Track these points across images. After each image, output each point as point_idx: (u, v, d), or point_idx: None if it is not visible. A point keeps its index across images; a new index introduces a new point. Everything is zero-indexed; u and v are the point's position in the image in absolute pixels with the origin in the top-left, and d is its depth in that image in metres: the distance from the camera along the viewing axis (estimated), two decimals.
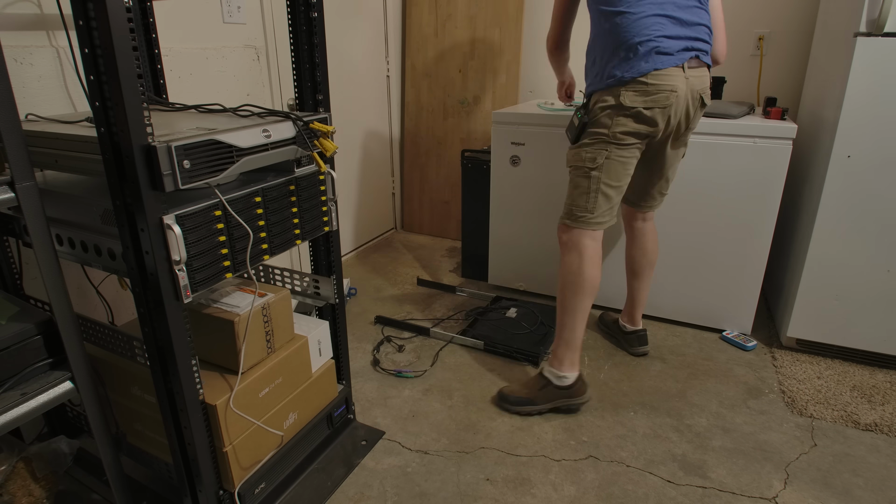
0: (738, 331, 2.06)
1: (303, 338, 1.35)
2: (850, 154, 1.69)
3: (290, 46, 1.26)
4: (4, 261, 1.26)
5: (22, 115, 1.29)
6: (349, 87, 2.69)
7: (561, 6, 1.68)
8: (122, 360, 1.20)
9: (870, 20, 1.57)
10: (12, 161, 0.82)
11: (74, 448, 1.21)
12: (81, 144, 1.00)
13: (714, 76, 2.25)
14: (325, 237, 1.40)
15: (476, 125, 2.90)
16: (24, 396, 0.89)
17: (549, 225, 2.27)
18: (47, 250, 0.89)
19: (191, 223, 0.96)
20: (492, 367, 1.89)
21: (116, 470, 1.07)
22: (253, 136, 1.04)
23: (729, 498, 1.35)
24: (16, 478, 1.11)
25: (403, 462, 1.47)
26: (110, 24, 0.80)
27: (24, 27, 1.34)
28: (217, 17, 1.84)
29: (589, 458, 1.48)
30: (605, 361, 1.92)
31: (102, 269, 1.07)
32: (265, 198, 1.12)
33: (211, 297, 1.24)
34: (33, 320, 0.94)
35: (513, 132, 2.20)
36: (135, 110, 0.85)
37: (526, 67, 2.85)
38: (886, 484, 1.39)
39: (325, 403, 1.48)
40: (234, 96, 1.94)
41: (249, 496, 1.25)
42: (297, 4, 1.21)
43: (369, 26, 2.76)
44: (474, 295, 2.43)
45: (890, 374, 1.83)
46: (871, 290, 1.79)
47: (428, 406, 1.70)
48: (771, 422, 1.61)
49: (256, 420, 1.23)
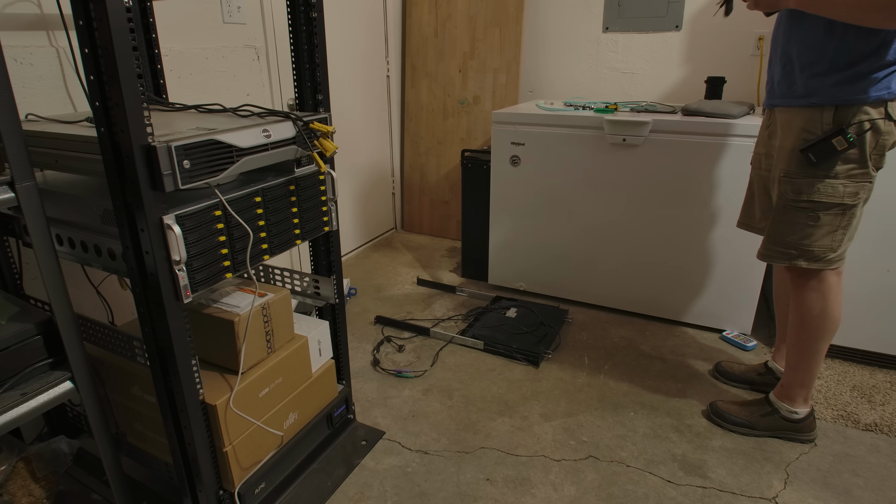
0: (738, 331, 2.06)
1: (303, 338, 1.35)
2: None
3: (290, 46, 1.26)
4: (4, 261, 1.26)
5: (22, 115, 1.29)
6: (349, 87, 2.69)
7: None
8: (122, 360, 1.20)
9: None
10: (12, 161, 0.82)
11: (74, 448, 1.21)
12: (81, 144, 1.00)
13: (714, 76, 2.25)
14: (325, 237, 1.40)
15: (476, 125, 2.90)
16: (24, 396, 0.89)
17: (550, 225, 2.27)
18: (47, 250, 0.89)
19: (191, 223, 0.96)
20: (492, 367, 1.89)
21: (116, 470, 1.07)
22: (253, 136, 1.04)
23: (729, 498, 1.35)
24: (16, 478, 1.11)
25: (403, 462, 1.47)
26: (110, 24, 0.80)
27: (24, 27, 1.34)
28: (217, 17, 1.84)
29: (589, 458, 1.48)
30: (605, 361, 1.92)
31: (102, 269, 1.07)
32: (265, 198, 1.12)
33: (211, 297, 1.24)
34: (33, 320, 0.94)
35: (513, 132, 2.20)
36: (135, 110, 0.85)
37: (526, 67, 2.85)
38: (886, 484, 1.39)
39: (325, 403, 1.48)
40: (234, 96, 1.94)
41: (249, 496, 1.25)
42: (297, 4, 1.21)
43: (369, 26, 2.76)
44: (474, 295, 2.43)
45: (890, 374, 1.83)
46: (871, 290, 1.79)
47: (428, 406, 1.70)
48: None
49: (256, 420, 1.23)
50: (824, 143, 1.26)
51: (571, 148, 2.12)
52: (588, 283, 2.28)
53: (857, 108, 1.23)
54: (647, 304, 2.19)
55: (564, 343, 2.04)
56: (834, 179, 1.28)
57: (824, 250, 1.33)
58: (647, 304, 2.19)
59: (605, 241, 2.19)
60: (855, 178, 1.27)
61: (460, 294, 2.45)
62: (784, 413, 1.52)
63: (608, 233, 2.16)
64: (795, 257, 1.37)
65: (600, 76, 2.71)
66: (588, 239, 2.21)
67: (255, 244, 1.11)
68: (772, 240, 1.40)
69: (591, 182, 2.12)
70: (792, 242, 1.36)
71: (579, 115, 2.08)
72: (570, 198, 2.19)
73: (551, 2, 2.70)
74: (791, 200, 1.34)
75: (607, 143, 2.04)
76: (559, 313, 2.21)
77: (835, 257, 1.34)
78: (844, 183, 1.28)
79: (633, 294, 2.21)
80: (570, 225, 2.23)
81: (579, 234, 2.22)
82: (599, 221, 2.17)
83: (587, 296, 2.31)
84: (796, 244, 1.36)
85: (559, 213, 2.23)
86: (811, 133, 1.28)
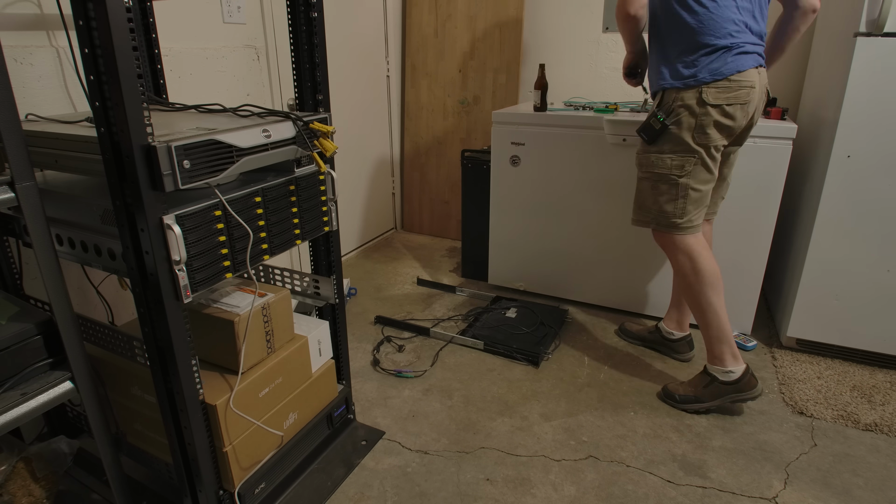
0: (738, 331, 2.06)
1: (303, 338, 1.35)
2: (850, 154, 1.69)
3: (290, 46, 1.26)
4: (4, 261, 1.26)
5: (22, 115, 1.29)
6: (349, 87, 2.69)
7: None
8: (122, 360, 1.20)
9: (870, 20, 1.57)
10: (12, 161, 0.82)
11: (74, 448, 1.21)
12: (81, 144, 1.00)
13: None
14: (325, 237, 1.40)
15: (476, 125, 2.90)
16: (24, 396, 0.89)
17: (550, 225, 2.27)
18: (47, 250, 0.89)
19: (191, 223, 0.96)
20: (492, 367, 1.89)
21: (116, 470, 1.07)
22: (253, 136, 1.04)
23: (729, 498, 1.35)
24: (16, 478, 1.11)
25: (403, 462, 1.47)
26: (110, 24, 0.80)
27: (24, 27, 1.34)
28: (217, 17, 1.84)
29: (589, 458, 1.48)
30: (605, 361, 1.92)
31: (102, 269, 1.07)
32: (265, 198, 1.12)
33: (211, 297, 1.24)
34: (33, 320, 0.94)
35: (513, 132, 2.20)
36: (135, 110, 0.85)
37: (526, 67, 2.85)
38: (886, 484, 1.39)
39: (325, 403, 1.48)
40: (234, 96, 1.94)
41: (249, 496, 1.25)
42: (297, 4, 1.21)
43: (369, 26, 2.76)
44: (474, 295, 2.43)
45: (890, 374, 1.83)
46: (871, 290, 1.79)
47: (428, 406, 1.70)
48: (771, 422, 1.61)
49: (256, 420, 1.23)
50: (647, 124, 1.52)
51: (571, 148, 2.12)
52: (588, 283, 2.28)
53: (675, 92, 1.47)
54: (648, 304, 2.19)
55: (564, 343, 2.04)
56: (661, 154, 1.52)
57: (668, 215, 1.55)
58: (648, 304, 2.19)
59: (605, 241, 2.18)
60: (679, 153, 1.50)
61: (460, 294, 2.45)
62: (721, 377, 1.61)
63: (608, 233, 2.16)
64: (649, 222, 1.61)
65: (600, 76, 2.71)
66: (588, 239, 2.21)
67: (255, 244, 1.11)
68: (634, 206, 1.66)
69: (591, 182, 2.12)
70: (646, 207, 1.60)
71: (579, 115, 2.08)
72: (570, 198, 2.19)
73: (551, 2, 2.70)
74: (640, 173, 1.61)
75: (607, 143, 2.04)
76: (559, 313, 2.21)
77: (682, 223, 1.55)
78: (671, 157, 1.51)
79: (633, 294, 2.21)
80: (570, 225, 2.23)
81: (579, 234, 2.22)
82: (599, 221, 2.16)
83: (587, 296, 2.31)
84: (649, 209, 1.59)
85: (559, 212, 2.23)
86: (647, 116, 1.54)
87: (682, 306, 1.89)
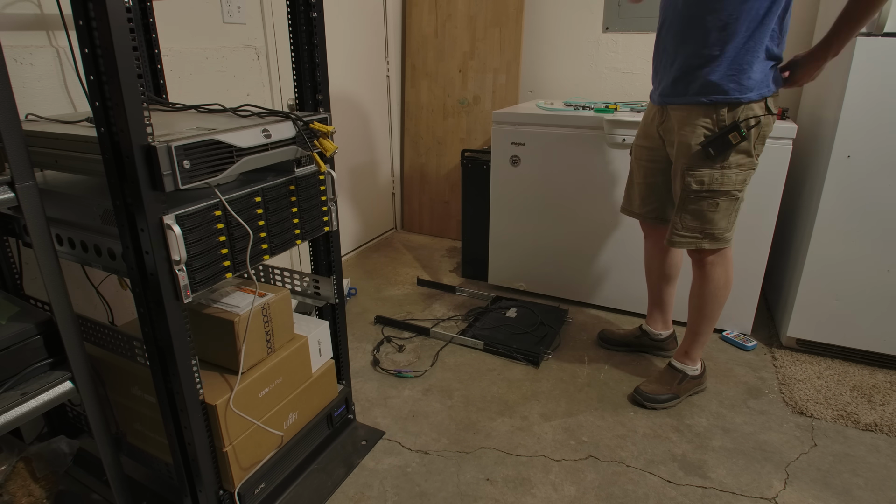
0: (738, 331, 2.06)
1: (303, 338, 1.35)
2: (850, 154, 1.69)
3: (290, 46, 1.26)
4: (4, 261, 1.26)
5: (22, 115, 1.29)
6: (349, 87, 2.69)
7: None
8: (122, 360, 1.20)
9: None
10: (12, 161, 0.82)
11: (74, 448, 1.21)
12: (81, 144, 1.00)
13: None
14: (325, 237, 1.40)
15: (476, 125, 2.90)
16: (24, 396, 0.89)
17: (550, 225, 2.27)
18: (47, 250, 0.89)
19: (191, 223, 0.96)
20: (492, 367, 1.89)
21: (116, 470, 1.07)
22: (253, 136, 1.04)
23: (729, 498, 1.35)
24: (16, 478, 1.11)
25: (403, 462, 1.47)
26: (110, 24, 0.80)
27: (24, 27, 1.34)
28: (217, 17, 1.84)
29: (589, 458, 1.48)
30: (605, 361, 1.92)
31: (102, 269, 1.07)
32: (265, 198, 1.12)
33: (211, 297, 1.24)
34: (33, 320, 0.94)
35: (513, 132, 2.20)
36: (135, 110, 0.85)
37: (526, 67, 2.85)
38: (886, 484, 1.39)
39: (325, 403, 1.48)
40: (234, 96, 1.94)
41: (249, 496, 1.25)
42: (297, 4, 1.21)
43: (369, 26, 2.76)
44: (474, 295, 2.43)
45: (890, 374, 1.83)
46: (871, 290, 1.79)
47: (428, 406, 1.70)
48: (771, 422, 1.61)
49: (256, 420, 1.23)
50: (722, 138, 1.40)
51: (571, 148, 2.12)
52: (588, 283, 2.28)
53: (745, 105, 1.39)
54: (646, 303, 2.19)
55: (564, 343, 2.04)
56: (728, 170, 1.44)
57: (722, 231, 1.51)
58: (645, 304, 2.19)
59: (605, 242, 2.18)
60: (744, 168, 1.44)
61: (460, 294, 2.45)
62: (689, 373, 1.71)
63: (608, 233, 2.16)
64: (700, 240, 1.53)
65: (600, 76, 2.71)
66: (588, 239, 2.21)
67: (255, 244, 1.11)
68: (679, 228, 1.55)
69: (591, 182, 2.12)
70: (697, 228, 1.52)
71: (579, 115, 2.08)
72: (570, 198, 2.19)
73: (551, 2, 2.70)
74: (695, 192, 1.48)
75: (607, 143, 2.04)
76: (559, 313, 2.21)
77: (730, 235, 1.53)
78: (736, 172, 1.44)
79: (633, 294, 2.21)
80: (571, 225, 2.23)
81: (579, 234, 2.22)
82: (599, 221, 2.16)
83: (587, 296, 2.31)
84: (700, 229, 1.52)
85: (559, 212, 2.23)
86: (709, 129, 1.43)
87: (666, 305, 1.90)
